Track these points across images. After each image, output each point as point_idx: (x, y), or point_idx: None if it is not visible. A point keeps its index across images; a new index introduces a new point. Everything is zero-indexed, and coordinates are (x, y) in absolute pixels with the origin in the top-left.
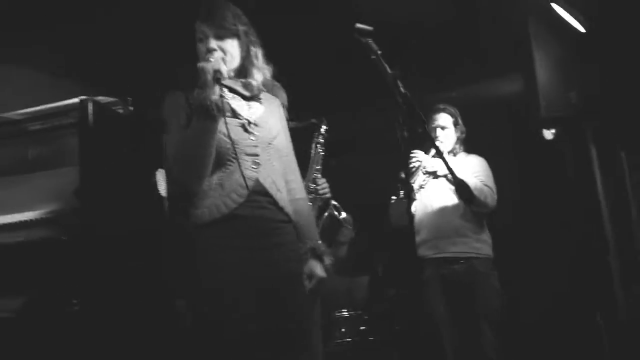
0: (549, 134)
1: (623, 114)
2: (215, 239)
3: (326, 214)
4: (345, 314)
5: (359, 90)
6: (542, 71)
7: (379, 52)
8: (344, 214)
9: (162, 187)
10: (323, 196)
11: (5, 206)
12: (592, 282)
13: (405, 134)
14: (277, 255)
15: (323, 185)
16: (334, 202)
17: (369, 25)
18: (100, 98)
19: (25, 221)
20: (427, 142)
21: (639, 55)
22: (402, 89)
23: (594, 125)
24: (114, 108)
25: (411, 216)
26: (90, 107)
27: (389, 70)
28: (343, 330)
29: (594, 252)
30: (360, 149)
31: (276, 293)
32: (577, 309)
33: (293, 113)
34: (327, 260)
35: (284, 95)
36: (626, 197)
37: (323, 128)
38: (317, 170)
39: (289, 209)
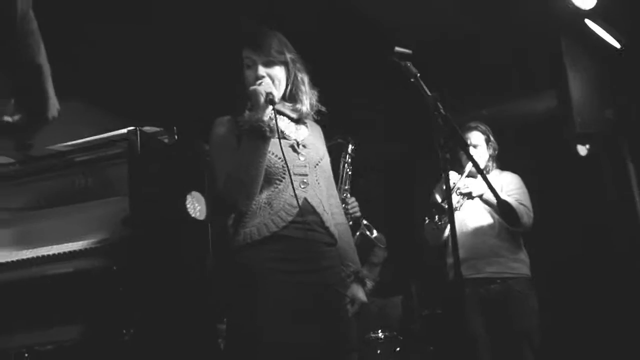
0: (583, 149)
1: None
2: (264, 261)
3: (358, 233)
4: (380, 335)
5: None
6: (576, 87)
7: (418, 74)
8: (375, 233)
9: (195, 210)
10: (353, 215)
11: (54, 237)
12: (634, 303)
13: (447, 156)
14: (324, 279)
15: (353, 204)
16: (365, 222)
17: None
18: (146, 128)
19: (75, 251)
20: (468, 163)
21: None
22: (442, 111)
23: (630, 141)
24: (160, 138)
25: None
26: (137, 137)
27: (428, 92)
28: (379, 352)
29: (635, 271)
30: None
31: (324, 317)
32: (618, 332)
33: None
34: (369, 284)
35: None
36: None
37: (350, 147)
38: (346, 190)
39: (334, 230)
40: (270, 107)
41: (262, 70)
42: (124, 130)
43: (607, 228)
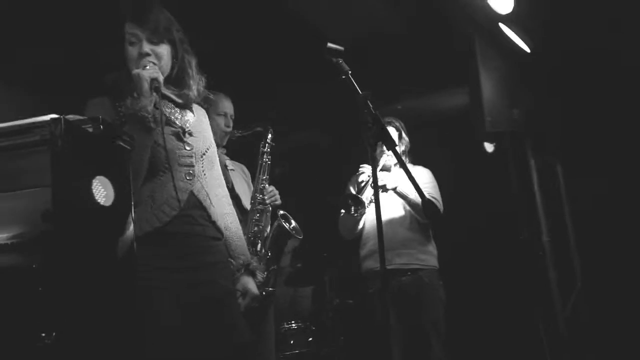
0: (490, 147)
1: (560, 129)
2: (146, 258)
3: (275, 223)
4: (294, 325)
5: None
6: (488, 87)
7: (350, 72)
8: (293, 223)
9: (101, 195)
10: (273, 204)
11: None
12: (533, 291)
13: (376, 154)
14: (209, 275)
15: (272, 193)
16: (281, 212)
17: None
18: (70, 116)
19: None
20: (382, 157)
21: (578, 76)
22: (372, 110)
23: (533, 139)
24: (84, 127)
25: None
26: (61, 125)
27: (359, 91)
28: (292, 342)
29: (533, 261)
30: (312, 159)
31: (210, 314)
32: (519, 320)
33: (239, 122)
34: (260, 276)
35: (230, 105)
36: (561, 205)
37: (269, 136)
38: (264, 179)
39: (221, 223)
40: (155, 94)
41: (147, 47)
42: (46, 118)
43: (511, 219)
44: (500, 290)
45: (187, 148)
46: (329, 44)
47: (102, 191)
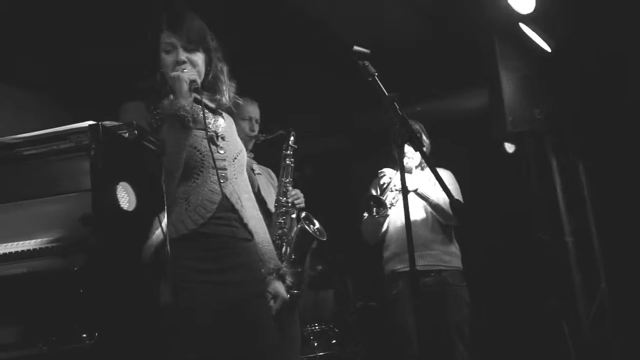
0: (510, 147)
1: (581, 128)
2: (180, 260)
3: (299, 225)
4: (317, 328)
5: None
6: (508, 87)
7: (376, 74)
8: (317, 225)
9: (124, 201)
10: (297, 206)
11: (4, 235)
12: (556, 293)
13: (403, 155)
14: (241, 276)
15: (295, 196)
16: (304, 214)
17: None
18: (107, 122)
19: (28, 250)
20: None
21: (600, 74)
22: (399, 112)
23: (554, 139)
24: (119, 132)
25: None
26: (100, 131)
27: (386, 92)
28: (315, 344)
29: (557, 262)
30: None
31: (241, 315)
32: (543, 321)
33: (262, 125)
34: (289, 280)
35: (256, 110)
36: (584, 205)
37: (291, 139)
38: (287, 182)
39: (251, 226)
40: (194, 95)
41: (183, 55)
42: (85, 124)
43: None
44: (523, 291)
45: (221, 152)
46: (355, 47)
47: (125, 196)
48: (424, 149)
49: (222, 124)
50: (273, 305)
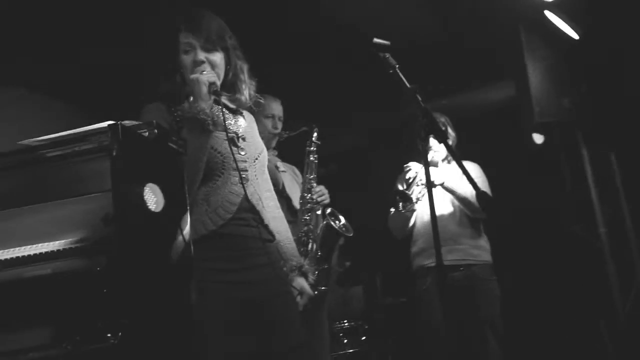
0: (539, 138)
1: (612, 117)
2: (201, 259)
3: (324, 222)
4: (346, 325)
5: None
6: (535, 77)
7: (397, 66)
8: (342, 221)
9: (152, 202)
10: (322, 203)
11: (28, 237)
12: (591, 286)
13: (428, 148)
14: (264, 275)
15: (320, 192)
16: (329, 210)
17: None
18: (126, 122)
19: (52, 252)
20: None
21: (629, 62)
22: (422, 103)
23: (584, 129)
24: (139, 132)
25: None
26: (119, 131)
27: (407, 84)
28: (345, 341)
29: (590, 254)
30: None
31: (265, 315)
32: (577, 315)
33: (286, 123)
34: (311, 278)
35: (279, 107)
36: (617, 196)
37: (314, 136)
38: (312, 179)
39: (273, 226)
40: (213, 97)
41: (201, 55)
42: (104, 124)
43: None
44: (556, 285)
45: (242, 153)
46: (375, 39)
47: (152, 198)
48: (450, 142)
49: (243, 124)
50: (299, 302)
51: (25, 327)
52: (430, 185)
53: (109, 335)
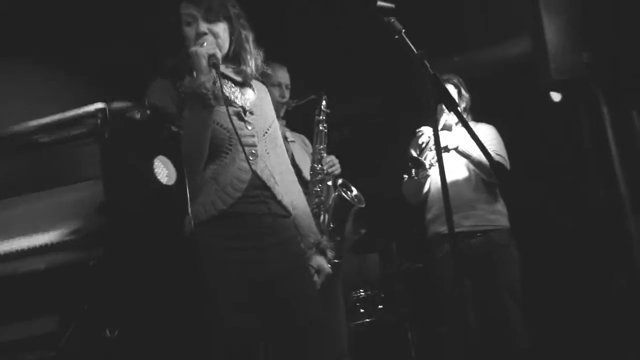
0: (557, 96)
1: (634, 72)
2: (213, 238)
3: (335, 193)
4: (362, 294)
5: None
6: (551, 31)
7: (403, 30)
8: (354, 191)
9: (164, 175)
10: (332, 174)
11: (21, 228)
12: (610, 245)
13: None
14: (278, 253)
15: (331, 162)
16: (340, 181)
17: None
18: (114, 104)
19: (46, 245)
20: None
21: None
22: (430, 70)
23: (605, 86)
24: (129, 114)
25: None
26: (106, 115)
27: (415, 50)
28: (362, 311)
29: (610, 214)
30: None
31: (281, 291)
32: (596, 276)
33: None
34: (330, 254)
35: (286, 75)
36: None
37: (323, 104)
38: (322, 149)
39: (287, 202)
40: (214, 71)
41: (203, 27)
42: (91, 108)
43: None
44: (576, 250)
45: (249, 127)
46: (379, 2)
47: (164, 171)
48: (464, 104)
49: (251, 97)
50: (317, 280)
51: (19, 320)
52: (440, 153)
53: (107, 330)
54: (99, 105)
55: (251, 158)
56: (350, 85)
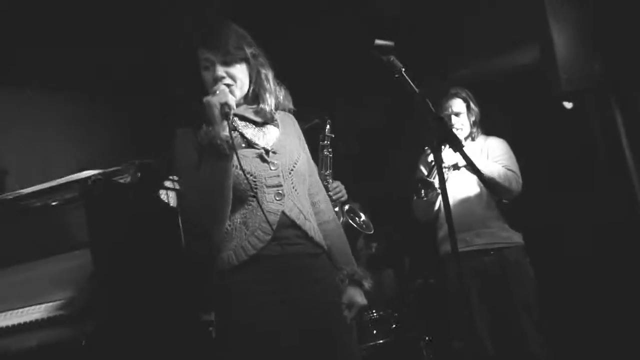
0: (569, 104)
1: None
2: (246, 284)
3: (343, 219)
4: (375, 315)
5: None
6: (561, 42)
7: (404, 69)
8: (362, 217)
9: (169, 197)
10: (338, 200)
11: (12, 301)
12: (630, 259)
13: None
14: (310, 293)
15: (337, 189)
16: (347, 207)
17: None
18: (102, 171)
19: (36, 321)
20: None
21: None
22: (433, 109)
23: (618, 93)
24: (114, 179)
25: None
26: (91, 183)
27: (416, 89)
28: (375, 332)
29: (627, 224)
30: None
31: (319, 333)
32: (615, 293)
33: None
34: (367, 284)
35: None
36: None
37: (327, 128)
38: (327, 174)
39: (319, 237)
40: (226, 121)
41: (220, 71)
42: (83, 174)
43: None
44: (593, 263)
45: (273, 168)
46: (377, 41)
47: (168, 194)
48: (473, 118)
49: (274, 135)
50: (348, 314)
51: None
52: (442, 177)
53: None
54: (90, 172)
55: (277, 199)
56: (355, 100)
